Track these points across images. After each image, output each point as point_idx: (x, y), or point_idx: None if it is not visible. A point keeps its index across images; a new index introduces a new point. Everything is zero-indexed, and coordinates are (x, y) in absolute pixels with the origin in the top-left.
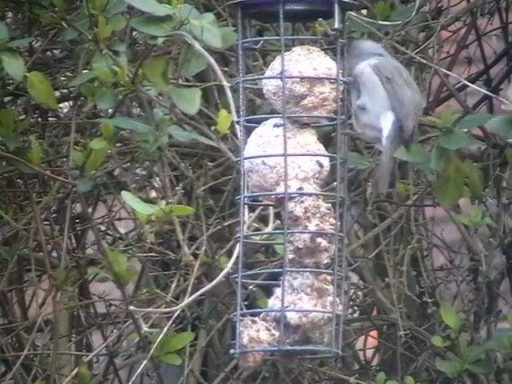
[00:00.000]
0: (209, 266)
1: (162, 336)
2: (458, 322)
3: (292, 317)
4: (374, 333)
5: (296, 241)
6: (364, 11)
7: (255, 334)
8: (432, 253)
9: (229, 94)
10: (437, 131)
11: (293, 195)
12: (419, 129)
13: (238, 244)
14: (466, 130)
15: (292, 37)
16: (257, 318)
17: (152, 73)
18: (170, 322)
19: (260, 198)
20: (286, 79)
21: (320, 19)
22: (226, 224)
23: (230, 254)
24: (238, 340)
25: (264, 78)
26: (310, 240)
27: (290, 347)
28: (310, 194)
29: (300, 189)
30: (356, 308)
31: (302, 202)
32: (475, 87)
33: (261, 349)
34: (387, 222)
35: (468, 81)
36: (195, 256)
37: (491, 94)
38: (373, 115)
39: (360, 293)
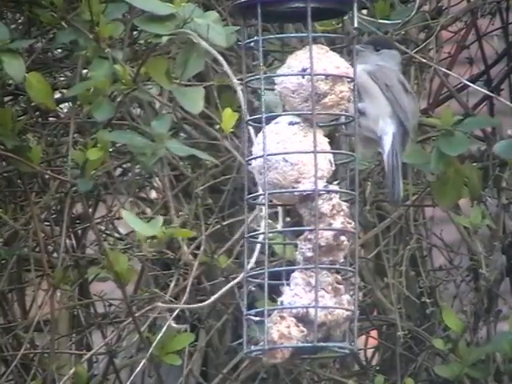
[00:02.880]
0: (208, 266)
1: (161, 336)
2: (459, 325)
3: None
4: (373, 333)
5: (318, 238)
6: (364, 11)
7: (286, 330)
8: (431, 253)
9: (240, 92)
10: (437, 131)
11: (321, 192)
12: (419, 129)
13: (263, 242)
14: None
15: (319, 34)
16: (285, 314)
17: (155, 72)
18: (169, 322)
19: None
20: (309, 77)
21: (345, 17)
22: (225, 223)
23: (229, 253)
24: (266, 336)
25: (290, 75)
26: (333, 238)
27: (323, 343)
28: (336, 192)
29: (326, 186)
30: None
31: (330, 199)
32: (476, 87)
33: (293, 345)
34: (386, 221)
35: (468, 81)
36: (195, 255)
37: (491, 94)
38: (371, 120)
39: (360, 293)
